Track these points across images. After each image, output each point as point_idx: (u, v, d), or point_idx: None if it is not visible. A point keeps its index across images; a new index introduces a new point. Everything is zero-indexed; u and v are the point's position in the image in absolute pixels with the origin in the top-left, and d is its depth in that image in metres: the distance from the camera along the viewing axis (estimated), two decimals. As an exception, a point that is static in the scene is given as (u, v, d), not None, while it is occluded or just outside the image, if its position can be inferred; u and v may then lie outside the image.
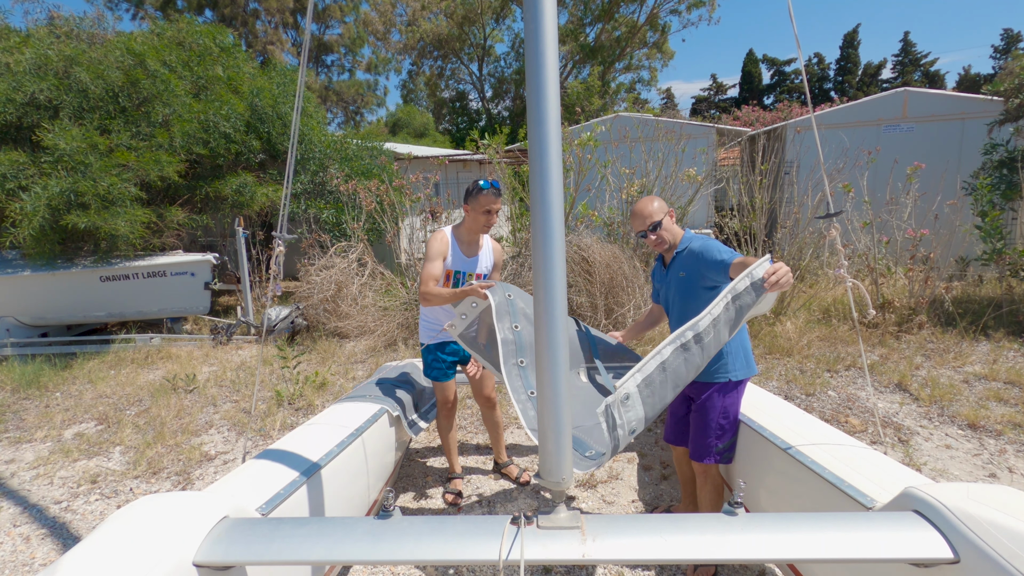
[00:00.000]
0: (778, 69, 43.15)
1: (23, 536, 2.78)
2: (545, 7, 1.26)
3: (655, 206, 2.30)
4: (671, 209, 2.34)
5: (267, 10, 24.93)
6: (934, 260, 5.43)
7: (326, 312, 6.24)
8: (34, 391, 4.82)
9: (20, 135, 6.01)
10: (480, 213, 2.66)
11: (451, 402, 2.97)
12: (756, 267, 1.85)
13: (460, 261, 2.75)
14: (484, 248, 2.83)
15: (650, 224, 2.28)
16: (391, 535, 1.36)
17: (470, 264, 2.77)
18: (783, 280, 1.76)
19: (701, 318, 1.78)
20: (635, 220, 2.33)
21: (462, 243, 2.76)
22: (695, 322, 1.78)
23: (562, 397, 1.38)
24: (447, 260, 2.71)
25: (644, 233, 2.32)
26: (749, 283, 1.83)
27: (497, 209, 2.67)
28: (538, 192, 1.31)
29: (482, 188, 2.62)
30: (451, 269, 2.74)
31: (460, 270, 2.75)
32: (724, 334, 1.85)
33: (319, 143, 8.06)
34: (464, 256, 2.76)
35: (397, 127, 31.37)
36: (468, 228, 2.73)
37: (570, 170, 6.15)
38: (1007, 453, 3.22)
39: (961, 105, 7.40)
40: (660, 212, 2.28)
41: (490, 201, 2.63)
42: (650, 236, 2.31)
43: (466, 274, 2.77)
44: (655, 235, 2.30)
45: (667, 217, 2.28)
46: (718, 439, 2.23)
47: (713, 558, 1.28)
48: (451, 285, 2.73)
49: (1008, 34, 36.27)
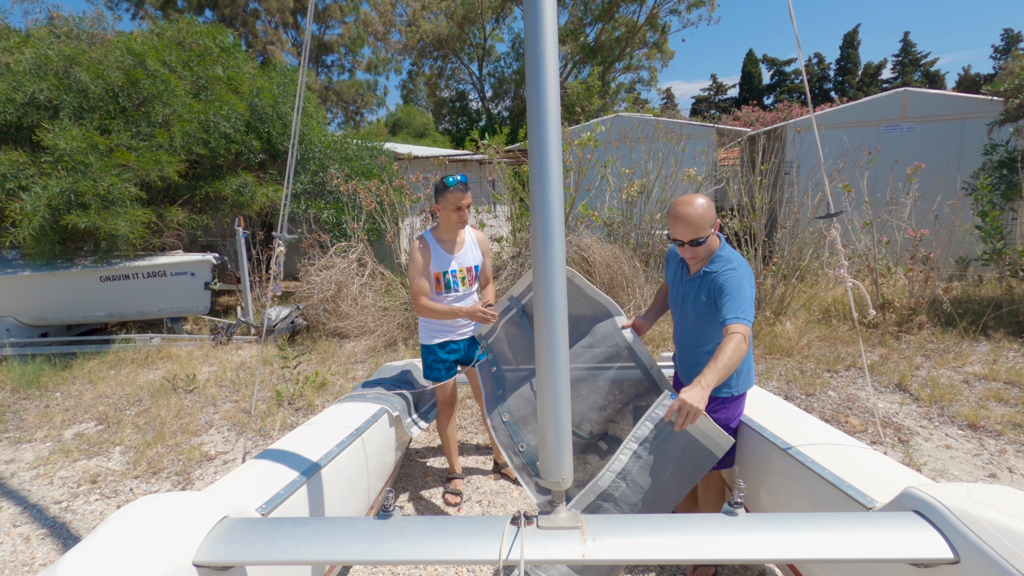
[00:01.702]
0: (778, 69, 43.16)
1: (23, 536, 2.78)
2: (545, 7, 1.26)
3: (708, 215, 1.94)
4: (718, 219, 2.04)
5: (267, 10, 24.93)
6: (934, 260, 5.43)
7: (326, 312, 6.24)
8: (34, 391, 4.82)
9: (20, 135, 6.00)
10: (451, 211, 2.62)
11: (451, 402, 2.95)
12: (656, 407, 1.78)
13: (445, 261, 2.72)
14: (467, 242, 2.79)
15: (698, 238, 1.96)
16: (391, 535, 1.36)
17: (456, 261, 2.75)
18: (689, 416, 1.66)
19: (613, 463, 1.74)
20: (678, 226, 1.96)
21: (443, 243, 2.73)
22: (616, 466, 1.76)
23: (562, 397, 1.38)
24: (431, 265, 2.69)
25: (682, 243, 1.99)
26: (652, 426, 1.78)
27: (467, 203, 2.63)
28: (538, 192, 1.31)
29: (448, 185, 2.58)
30: (438, 272, 2.71)
31: (447, 270, 2.73)
32: (653, 479, 1.74)
33: (319, 143, 8.06)
34: (448, 255, 2.73)
35: (397, 127, 31.38)
36: (444, 227, 2.71)
37: (570, 170, 6.14)
38: (1007, 453, 3.22)
39: (961, 105, 7.40)
40: (710, 225, 1.95)
41: (458, 198, 2.59)
42: (689, 248, 2.00)
43: (455, 272, 2.74)
44: (696, 249, 2.00)
45: (714, 231, 1.99)
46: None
47: (713, 558, 1.28)
48: (442, 288, 2.73)
49: (1008, 34, 36.30)
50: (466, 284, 2.79)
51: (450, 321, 2.79)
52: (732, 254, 2.05)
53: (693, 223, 1.93)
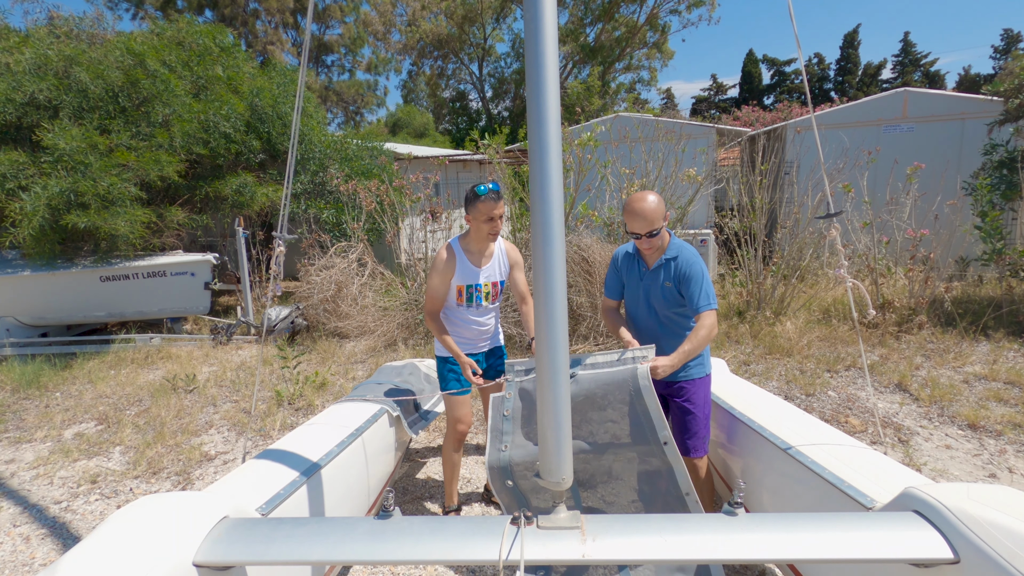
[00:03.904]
0: (778, 69, 43.16)
1: (23, 536, 2.78)
2: (545, 7, 1.26)
3: (659, 209, 2.16)
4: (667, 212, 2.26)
5: (267, 10, 24.92)
6: (934, 260, 5.43)
7: (326, 312, 6.24)
8: (34, 391, 4.82)
9: (20, 135, 6.00)
10: (482, 222, 2.41)
11: (465, 424, 2.68)
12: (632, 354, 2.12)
13: (470, 274, 2.52)
14: (496, 254, 2.60)
15: (653, 230, 2.16)
16: (391, 535, 1.36)
17: (483, 275, 2.55)
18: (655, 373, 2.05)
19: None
20: (635, 220, 2.16)
21: (470, 254, 2.52)
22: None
23: (562, 398, 1.38)
24: (456, 278, 2.50)
25: (639, 236, 2.18)
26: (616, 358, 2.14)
27: (500, 214, 2.42)
28: (538, 192, 1.31)
29: (479, 194, 2.38)
30: (461, 284, 2.52)
31: (471, 283, 2.53)
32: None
33: (319, 143, 8.06)
34: (474, 267, 2.52)
35: (397, 127, 31.39)
36: (473, 238, 2.51)
37: (570, 170, 6.14)
38: (1007, 453, 3.22)
39: (961, 105, 7.40)
40: (662, 217, 2.16)
41: (490, 208, 2.38)
42: (646, 240, 2.18)
43: (480, 286, 2.55)
44: (652, 240, 2.19)
45: (665, 223, 2.19)
46: (707, 429, 2.31)
47: (713, 558, 1.28)
48: (464, 301, 2.55)
49: (1008, 34, 36.29)
50: (490, 300, 2.60)
51: (467, 334, 2.63)
52: (682, 243, 2.29)
53: (649, 216, 2.14)
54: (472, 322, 2.61)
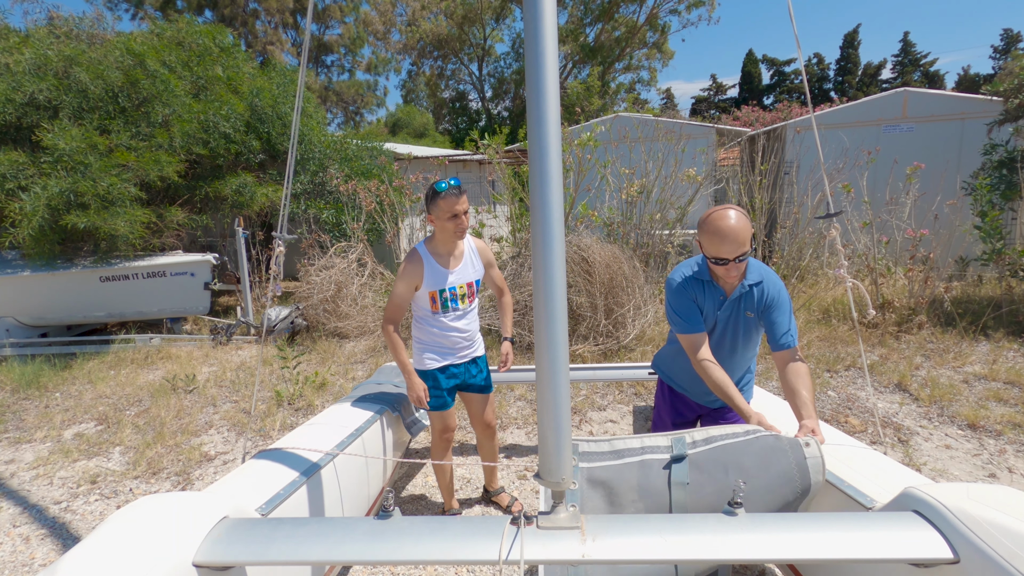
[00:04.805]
0: (778, 69, 43.17)
1: (23, 536, 2.78)
2: (545, 7, 1.25)
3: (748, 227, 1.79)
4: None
5: (267, 10, 24.93)
6: (934, 260, 5.43)
7: (326, 312, 6.24)
8: (34, 391, 4.82)
9: (20, 135, 6.00)
10: (446, 220, 2.26)
11: (451, 431, 2.63)
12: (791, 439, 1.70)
13: (441, 278, 2.37)
14: (467, 253, 2.46)
15: (743, 253, 1.80)
16: (391, 535, 1.36)
17: (455, 277, 2.41)
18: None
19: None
20: (723, 243, 1.78)
21: (438, 256, 2.37)
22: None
23: (562, 397, 1.38)
24: (426, 284, 2.36)
25: (726, 261, 1.80)
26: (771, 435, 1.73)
27: (464, 210, 2.25)
28: (538, 192, 1.31)
29: (439, 191, 2.23)
30: (433, 290, 2.37)
31: (443, 287, 2.38)
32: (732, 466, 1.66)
33: (319, 143, 8.06)
34: (444, 270, 2.37)
35: (397, 127, 31.38)
36: (440, 239, 2.35)
37: (570, 170, 6.15)
38: (1007, 453, 3.22)
39: (961, 105, 7.40)
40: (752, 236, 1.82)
41: (452, 204, 2.22)
42: (735, 266, 1.82)
43: (454, 289, 2.41)
44: (740, 265, 1.84)
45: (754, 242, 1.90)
46: None
47: (713, 558, 1.28)
48: (439, 308, 2.41)
49: (1008, 34, 36.31)
50: (466, 302, 2.47)
51: (447, 343, 2.50)
52: (761, 264, 1.98)
53: (740, 238, 1.77)
54: (452, 329, 2.47)
